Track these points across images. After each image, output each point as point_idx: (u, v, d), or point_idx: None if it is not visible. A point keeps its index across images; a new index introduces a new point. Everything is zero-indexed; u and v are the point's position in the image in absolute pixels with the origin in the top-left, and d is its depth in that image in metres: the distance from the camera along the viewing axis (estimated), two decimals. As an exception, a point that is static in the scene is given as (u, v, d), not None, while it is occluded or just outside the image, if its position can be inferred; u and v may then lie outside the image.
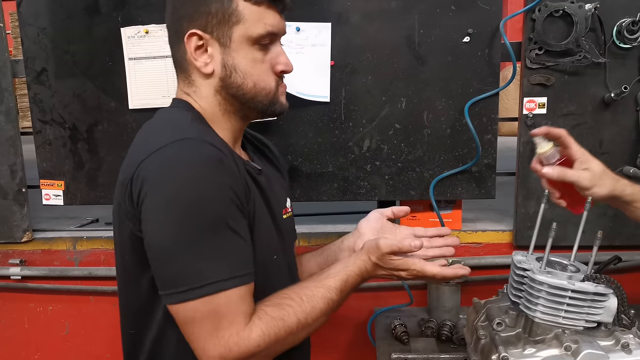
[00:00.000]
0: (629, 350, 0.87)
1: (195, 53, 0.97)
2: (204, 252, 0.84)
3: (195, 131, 0.93)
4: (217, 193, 0.86)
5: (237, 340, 0.85)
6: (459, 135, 1.65)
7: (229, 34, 0.95)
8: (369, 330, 1.75)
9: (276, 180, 1.13)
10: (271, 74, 1.00)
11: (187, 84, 1.02)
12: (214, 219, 0.85)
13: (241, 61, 0.97)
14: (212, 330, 0.85)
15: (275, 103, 1.02)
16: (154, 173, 0.86)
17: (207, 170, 0.86)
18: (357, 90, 1.64)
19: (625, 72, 1.57)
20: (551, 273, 0.94)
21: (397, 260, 1.01)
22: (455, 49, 1.60)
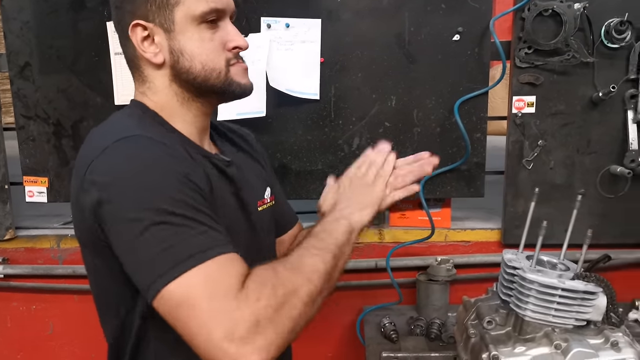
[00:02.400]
0: (618, 348, 0.87)
1: (143, 45, 0.92)
2: (174, 233, 0.77)
3: (140, 129, 0.88)
4: (173, 179, 0.80)
5: (236, 304, 0.74)
6: (449, 133, 1.65)
7: (172, 18, 0.91)
8: (358, 329, 1.74)
9: (251, 170, 1.09)
10: (222, 53, 0.94)
11: (141, 82, 0.97)
12: (175, 204, 0.78)
13: (187, 43, 0.92)
14: (208, 297, 0.74)
15: (231, 84, 0.95)
16: (104, 175, 0.81)
17: (158, 160, 0.82)
18: (347, 88, 1.63)
19: (613, 72, 1.58)
20: (541, 272, 0.93)
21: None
22: (445, 47, 1.60)
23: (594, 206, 1.66)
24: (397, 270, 1.73)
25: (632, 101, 1.58)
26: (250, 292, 0.74)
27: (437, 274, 1.63)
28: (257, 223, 1.05)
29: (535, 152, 1.65)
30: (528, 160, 1.65)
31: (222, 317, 0.72)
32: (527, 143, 1.65)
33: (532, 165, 1.66)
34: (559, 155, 1.65)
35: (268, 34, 1.58)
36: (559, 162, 1.65)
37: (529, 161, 1.66)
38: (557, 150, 1.65)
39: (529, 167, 1.66)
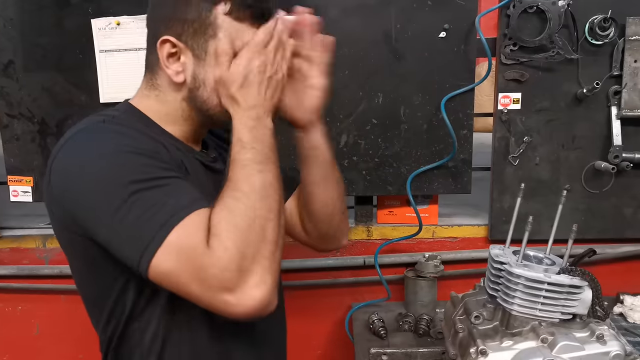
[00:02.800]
0: (603, 341, 0.88)
1: (168, 60, 0.90)
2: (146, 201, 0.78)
3: (104, 119, 0.87)
4: (131, 154, 0.81)
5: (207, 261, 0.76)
6: (436, 130, 1.66)
7: (205, 47, 0.89)
8: (346, 326, 1.75)
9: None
10: None
11: (150, 86, 0.96)
12: (138, 174, 0.79)
13: (211, 76, 0.90)
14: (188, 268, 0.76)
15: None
16: (68, 165, 0.82)
17: (117, 140, 0.82)
18: (334, 85, 1.62)
19: (597, 69, 1.60)
20: (528, 266, 0.94)
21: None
22: (432, 44, 1.61)
23: (578, 202, 1.68)
24: (385, 267, 1.74)
25: (616, 97, 1.60)
26: (216, 245, 0.75)
27: (425, 271, 1.64)
28: None
29: (521, 148, 1.66)
30: (514, 156, 1.67)
31: (205, 277, 0.75)
32: (513, 139, 1.66)
33: (518, 161, 1.67)
34: (544, 151, 1.67)
35: (255, 32, 1.58)
36: (544, 158, 1.67)
37: (514, 157, 1.67)
38: (543, 146, 1.66)
39: (515, 163, 1.67)
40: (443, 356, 1.09)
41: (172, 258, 0.76)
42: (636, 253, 1.74)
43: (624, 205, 1.70)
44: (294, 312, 1.13)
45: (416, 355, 1.09)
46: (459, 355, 0.99)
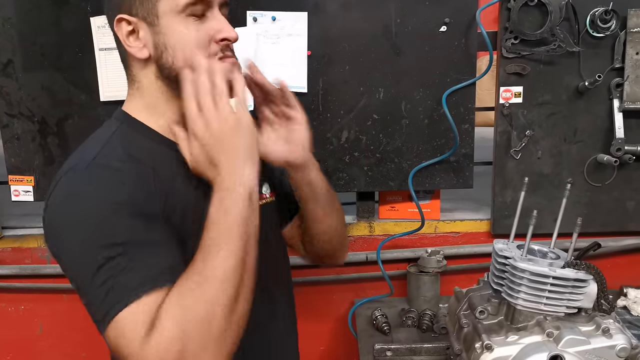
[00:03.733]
0: (609, 334, 0.88)
1: (128, 39, 0.88)
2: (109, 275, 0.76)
3: (102, 149, 0.86)
4: (107, 212, 0.79)
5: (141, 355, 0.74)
6: (437, 125, 1.65)
7: (154, 11, 0.87)
8: (349, 322, 1.74)
9: None
10: (207, 47, 0.89)
11: (131, 83, 0.94)
12: (118, 239, 0.78)
13: (170, 36, 0.87)
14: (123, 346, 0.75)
15: None
16: (49, 213, 0.84)
17: (95, 195, 0.81)
18: (335, 81, 1.63)
19: (598, 61, 1.59)
20: (532, 260, 0.94)
21: None
22: (432, 38, 1.60)
23: (581, 195, 1.68)
24: (388, 263, 1.74)
25: (618, 90, 1.60)
26: (154, 341, 0.71)
27: (428, 266, 1.63)
28: None
29: (522, 142, 1.66)
30: (516, 150, 1.66)
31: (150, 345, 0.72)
32: (514, 133, 1.65)
33: (519, 155, 1.67)
34: (546, 145, 1.66)
35: (254, 28, 1.57)
36: (546, 151, 1.66)
37: (516, 151, 1.67)
38: (544, 140, 1.66)
39: (516, 157, 1.67)
40: (447, 351, 1.08)
41: (116, 339, 0.74)
42: (639, 246, 1.73)
43: (626, 199, 1.69)
44: (297, 309, 1.13)
45: (420, 351, 1.09)
46: (463, 350, 0.98)
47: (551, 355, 0.87)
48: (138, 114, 0.93)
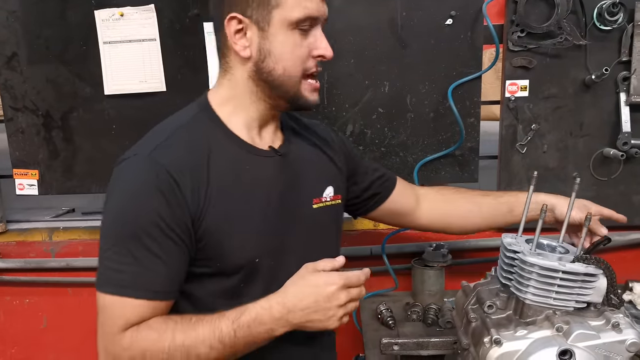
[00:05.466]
0: (619, 329, 0.88)
1: (235, 37, 0.96)
2: (115, 258, 0.91)
3: (161, 143, 0.96)
4: (139, 214, 0.91)
5: (112, 341, 0.92)
6: (442, 119, 1.64)
7: (268, 18, 0.94)
8: (354, 316, 1.74)
9: (312, 165, 1.12)
10: (306, 61, 0.98)
11: (223, 72, 1.03)
12: (130, 235, 0.91)
13: (277, 46, 0.95)
14: (102, 324, 0.93)
15: (300, 96, 1.00)
16: (107, 192, 0.96)
17: (136, 190, 0.93)
18: (340, 74, 1.62)
19: (605, 54, 1.58)
20: (541, 255, 0.94)
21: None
22: (438, 31, 1.59)
23: (587, 189, 1.67)
24: (393, 257, 1.74)
25: (625, 83, 1.59)
26: (122, 344, 0.90)
27: (433, 260, 1.63)
28: (309, 218, 1.09)
29: (528, 136, 1.65)
30: (521, 144, 1.66)
31: (105, 344, 0.93)
32: (520, 127, 1.65)
33: (525, 149, 1.66)
34: (552, 138, 1.66)
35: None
36: (552, 145, 1.66)
37: (522, 145, 1.66)
38: (550, 133, 1.65)
39: (522, 151, 1.66)
40: (455, 346, 1.08)
41: (101, 310, 0.92)
42: (645, 240, 1.73)
43: (632, 193, 1.69)
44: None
45: (427, 345, 1.08)
46: (472, 345, 0.98)
47: (561, 349, 0.87)
48: (220, 106, 1.03)
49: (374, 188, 1.28)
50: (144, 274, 0.91)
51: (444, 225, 1.36)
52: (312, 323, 0.92)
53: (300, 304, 0.91)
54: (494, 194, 1.33)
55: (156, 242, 0.91)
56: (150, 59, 1.51)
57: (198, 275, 0.98)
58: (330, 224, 1.15)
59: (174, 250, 0.92)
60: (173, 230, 0.92)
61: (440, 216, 1.34)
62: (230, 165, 0.99)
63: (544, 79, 1.62)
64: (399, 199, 1.30)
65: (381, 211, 1.30)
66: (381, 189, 1.28)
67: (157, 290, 0.92)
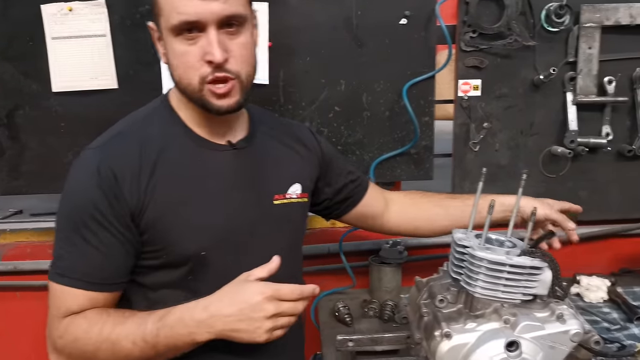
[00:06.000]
0: (563, 320, 0.90)
1: (157, 44, 0.99)
2: (60, 245, 0.96)
3: (112, 137, 0.99)
4: (78, 206, 0.94)
5: (51, 326, 0.96)
6: (398, 117, 1.66)
7: (160, 27, 0.95)
8: (312, 315, 1.74)
9: (277, 161, 1.11)
10: (199, 68, 0.93)
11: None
12: (70, 226, 0.95)
13: (170, 54, 0.95)
14: (49, 310, 0.96)
15: (205, 103, 0.96)
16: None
17: (79, 183, 0.96)
18: (296, 72, 1.62)
19: (553, 55, 1.63)
20: (490, 249, 0.95)
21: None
22: (393, 31, 1.61)
23: (537, 186, 1.72)
24: (350, 255, 1.74)
25: (571, 83, 1.65)
26: (61, 335, 0.95)
27: (389, 257, 1.65)
28: (268, 214, 1.07)
29: (481, 134, 1.69)
30: (474, 142, 1.69)
31: (49, 330, 0.97)
32: (473, 126, 1.68)
33: (478, 147, 1.70)
34: (503, 137, 1.70)
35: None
36: (504, 144, 1.70)
37: (475, 143, 1.70)
38: (502, 132, 1.69)
39: (475, 149, 1.70)
40: (408, 340, 1.10)
41: (50, 293, 0.97)
42: (592, 235, 1.80)
43: (579, 189, 1.75)
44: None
45: (382, 340, 1.10)
46: (424, 339, 0.99)
47: (508, 341, 0.89)
48: (177, 102, 1.03)
49: (347, 191, 1.28)
50: (81, 264, 0.94)
51: (412, 229, 1.37)
52: (238, 333, 0.89)
53: (225, 310, 0.89)
54: (461, 197, 1.36)
55: (94, 234, 0.93)
56: (100, 55, 1.47)
57: (147, 267, 0.99)
58: (293, 221, 1.14)
59: (113, 243, 0.94)
60: (112, 224, 0.93)
61: (409, 220, 1.35)
62: (180, 158, 0.99)
63: (495, 78, 1.66)
64: (370, 202, 1.31)
65: (352, 215, 1.31)
66: (353, 192, 1.29)
67: (94, 281, 0.94)
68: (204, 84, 0.94)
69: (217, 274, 0.99)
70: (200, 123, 1.02)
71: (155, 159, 0.97)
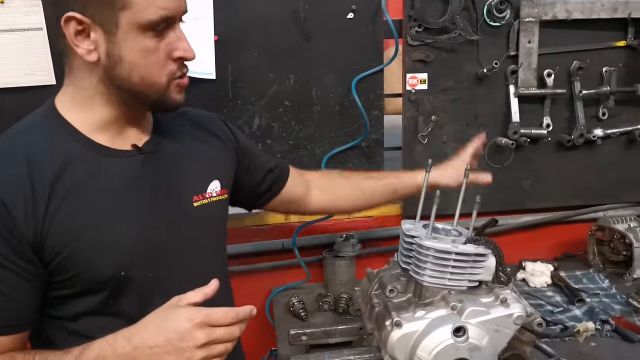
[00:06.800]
0: (507, 304, 0.94)
1: (76, 39, 0.84)
2: None
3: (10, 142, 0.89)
4: None
5: None
6: (348, 111, 1.67)
7: (115, 20, 0.82)
8: (267, 311, 1.74)
9: (192, 160, 1.03)
10: (165, 66, 0.88)
11: (68, 72, 0.91)
12: None
13: (128, 51, 0.84)
14: None
15: (166, 99, 0.91)
16: None
17: None
18: (244, 67, 1.60)
19: (495, 49, 1.68)
20: (437, 238, 0.98)
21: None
22: (340, 25, 1.62)
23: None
24: (304, 249, 1.75)
25: (513, 76, 1.70)
26: None
27: (343, 250, 1.66)
28: (189, 218, 1.00)
29: (429, 127, 1.72)
30: (423, 135, 1.72)
31: None
32: (421, 119, 1.71)
33: (426, 140, 1.73)
34: (450, 129, 1.74)
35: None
36: (451, 136, 1.74)
37: (423, 136, 1.73)
38: (449, 124, 1.73)
39: (424, 142, 1.73)
40: (361, 331, 1.11)
41: None
42: (535, 222, 1.87)
43: (523, 178, 1.81)
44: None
45: (335, 333, 1.10)
46: (375, 329, 1.01)
47: (455, 327, 0.91)
48: (69, 110, 0.91)
49: (268, 182, 1.25)
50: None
51: (331, 209, 1.46)
52: None
53: (149, 340, 0.80)
54: (377, 176, 1.40)
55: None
56: (36, 50, 1.40)
57: (61, 298, 0.90)
58: (216, 221, 1.08)
59: (16, 282, 0.84)
60: (11, 262, 0.83)
61: (328, 201, 1.38)
62: (80, 174, 0.88)
63: (441, 72, 1.69)
64: (292, 189, 1.30)
65: (275, 202, 1.29)
66: (275, 181, 1.27)
67: (13, 322, 0.85)
68: (172, 81, 0.90)
69: (142, 292, 0.92)
70: (101, 127, 0.92)
71: (52, 179, 0.85)
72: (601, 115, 1.78)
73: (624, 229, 1.65)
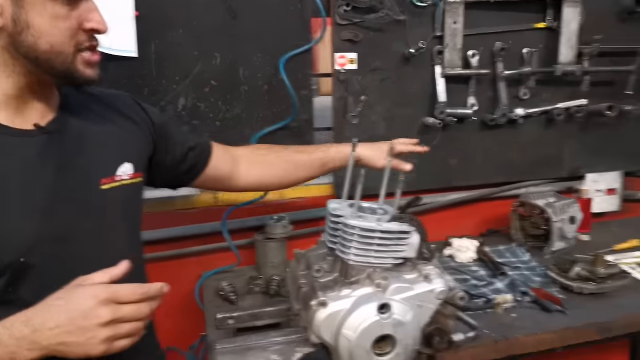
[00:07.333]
0: (429, 280, 0.96)
1: None
2: None
3: None
4: None
5: None
6: (276, 91, 1.65)
7: None
8: (197, 295, 1.70)
9: (100, 140, 0.97)
10: (74, 35, 0.85)
11: None
12: None
13: (36, 17, 0.81)
14: None
15: (74, 72, 0.87)
16: None
17: None
18: (168, 45, 1.54)
19: (422, 30, 1.70)
20: (362, 217, 0.98)
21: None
22: (268, 3, 1.58)
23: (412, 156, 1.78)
24: (235, 232, 1.72)
25: (439, 57, 1.73)
26: None
27: (274, 232, 1.64)
28: (96, 201, 0.95)
29: (358, 107, 1.72)
30: (353, 115, 1.73)
31: None
32: (351, 99, 1.71)
33: (357, 120, 1.73)
34: (380, 109, 1.75)
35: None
36: (380, 115, 1.75)
37: (354, 116, 1.73)
38: (378, 104, 1.74)
39: (354, 122, 1.73)
40: (289, 313, 1.11)
41: None
42: (461, 200, 1.92)
43: (450, 157, 1.86)
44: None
45: (262, 315, 1.10)
46: (302, 309, 1.00)
47: (380, 304, 0.92)
48: None
49: (190, 161, 1.20)
50: None
51: (261, 185, 1.41)
52: (68, 347, 0.75)
53: (50, 321, 0.75)
54: (307, 151, 1.40)
55: None
56: None
57: None
58: (128, 204, 1.03)
59: None
60: None
61: (258, 177, 1.35)
62: None
63: (369, 52, 1.69)
64: (217, 165, 1.26)
65: (200, 181, 1.25)
66: (197, 159, 1.22)
67: None
68: (78, 52, 0.87)
69: (44, 279, 0.86)
70: (6, 103, 0.86)
71: None
72: (522, 95, 1.85)
73: (544, 204, 1.73)
